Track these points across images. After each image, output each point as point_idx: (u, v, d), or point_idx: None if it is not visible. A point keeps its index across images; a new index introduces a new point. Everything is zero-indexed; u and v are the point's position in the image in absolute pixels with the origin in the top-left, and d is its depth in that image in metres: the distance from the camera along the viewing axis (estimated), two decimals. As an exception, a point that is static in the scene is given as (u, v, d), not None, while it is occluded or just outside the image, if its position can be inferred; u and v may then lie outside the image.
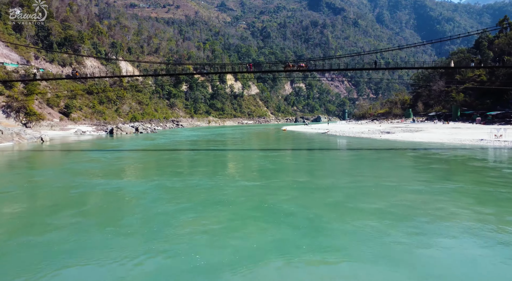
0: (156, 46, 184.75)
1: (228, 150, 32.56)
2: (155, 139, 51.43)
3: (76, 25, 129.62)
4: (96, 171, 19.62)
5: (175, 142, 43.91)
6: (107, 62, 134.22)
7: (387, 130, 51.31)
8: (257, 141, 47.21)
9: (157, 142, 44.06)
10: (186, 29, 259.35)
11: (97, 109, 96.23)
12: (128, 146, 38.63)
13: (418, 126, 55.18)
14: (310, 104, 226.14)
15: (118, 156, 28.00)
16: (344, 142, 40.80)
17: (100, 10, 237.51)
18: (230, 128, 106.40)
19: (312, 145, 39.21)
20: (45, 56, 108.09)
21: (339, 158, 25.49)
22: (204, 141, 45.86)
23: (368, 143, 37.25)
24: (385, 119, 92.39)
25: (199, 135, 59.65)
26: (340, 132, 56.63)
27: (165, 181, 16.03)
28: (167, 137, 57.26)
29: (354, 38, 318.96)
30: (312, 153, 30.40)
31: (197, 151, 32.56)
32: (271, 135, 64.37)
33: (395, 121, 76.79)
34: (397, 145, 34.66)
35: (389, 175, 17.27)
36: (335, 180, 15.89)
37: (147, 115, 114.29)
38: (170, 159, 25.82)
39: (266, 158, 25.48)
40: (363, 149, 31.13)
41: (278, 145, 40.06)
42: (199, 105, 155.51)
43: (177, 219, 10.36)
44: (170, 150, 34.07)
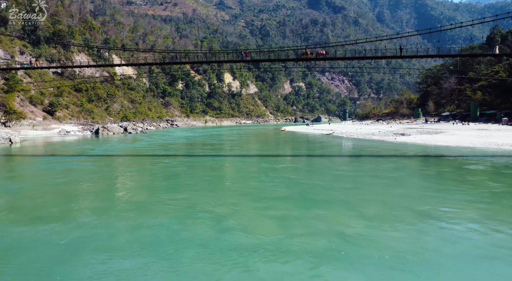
0: (152, 43, 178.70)
1: (217, 159, 26.37)
2: (139, 141, 45.66)
3: (66, 20, 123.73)
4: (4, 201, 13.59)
5: (160, 145, 37.96)
6: (100, 59, 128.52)
7: (401, 132, 45.72)
8: (254, 144, 41.34)
9: (139, 145, 38.14)
10: (184, 27, 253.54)
11: (85, 107, 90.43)
12: (103, 150, 32.75)
13: (435, 127, 49.59)
14: (310, 104, 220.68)
15: (72, 167, 21.95)
16: (356, 146, 35.23)
17: (95, 6, 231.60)
18: (226, 129, 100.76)
19: (318, 150, 33.50)
20: (32, 51, 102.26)
21: (362, 172, 19.72)
22: (192, 144, 39.76)
23: (385, 148, 31.67)
24: (392, 119, 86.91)
25: (190, 137, 53.91)
26: (347, 134, 51.05)
27: (98, 225, 9.96)
28: (155, 138, 51.56)
29: (354, 37, 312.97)
30: (322, 162, 24.60)
31: (179, 158, 26.34)
32: (270, 137, 58.75)
33: (404, 122, 71.28)
34: (421, 150, 29.09)
35: (454, 208, 11.49)
36: (376, 222, 10.07)
37: (140, 114, 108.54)
38: (137, 173, 19.79)
39: (265, 172, 19.77)
40: (386, 157, 25.38)
41: (278, 150, 34.26)
42: (195, 104, 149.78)
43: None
44: (147, 156, 28.22)
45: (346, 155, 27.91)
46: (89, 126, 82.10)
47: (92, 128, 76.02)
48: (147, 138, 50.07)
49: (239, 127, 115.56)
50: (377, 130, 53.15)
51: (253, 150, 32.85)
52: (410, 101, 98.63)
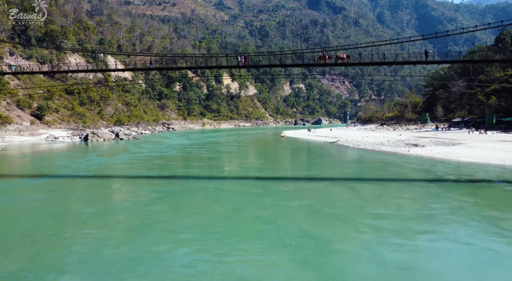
0: (149, 43, 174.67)
1: (208, 184, 22.17)
2: (124, 152, 41.50)
3: (60, 20, 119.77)
4: None
5: (145, 160, 32.68)
6: (94, 60, 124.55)
7: (413, 142, 41.89)
8: (251, 158, 37.17)
9: (121, 160, 32.98)
10: (182, 27, 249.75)
11: (76, 111, 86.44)
12: (74, 168, 28.10)
13: (449, 136, 45.71)
14: (310, 106, 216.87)
15: (11, 201, 18.05)
16: (366, 161, 31.45)
17: (92, 6, 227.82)
18: (224, 133, 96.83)
19: (325, 167, 29.57)
20: (22, 52, 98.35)
21: (388, 210, 15.93)
22: (182, 159, 35.33)
23: (401, 165, 27.93)
24: (397, 124, 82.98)
25: (183, 147, 49.63)
26: (353, 143, 47.20)
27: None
28: (144, 149, 47.48)
29: (355, 38, 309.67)
30: (332, 188, 20.64)
31: (159, 184, 21.74)
32: (269, 146, 54.90)
33: (412, 128, 67.43)
34: (444, 169, 25.24)
35: None
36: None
37: (134, 118, 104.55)
38: (86, 220, 15.68)
39: (263, 205, 15.98)
40: (408, 182, 21.46)
41: (278, 167, 30.21)
42: (193, 107, 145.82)
43: None
44: (122, 179, 23.65)
45: (358, 177, 23.79)
46: (80, 131, 78.20)
47: (82, 134, 72.07)
48: (135, 148, 45.93)
49: (237, 131, 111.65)
50: (385, 138, 49.30)
51: (250, 167, 28.66)
52: (415, 104, 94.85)
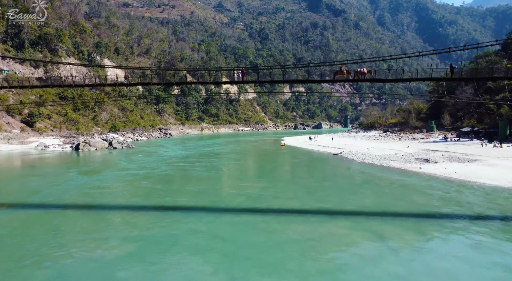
0: (147, 46, 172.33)
1: (192, 218, 19.24)
2: (108, 169, 38.07)
3: (55, 22, 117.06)
4: None
5: (129, 181, 29.41)
6: (90, 64, 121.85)
7: (423, 156, 39.07)
8: (248, 177, 33.72)
9: (101, 182, 29.15)
10: (181, 30, 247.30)
11: (69, 117, 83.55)
12: (45, 194, 24.65)
13: (462, 150, 42.80)
14: (310, 110, 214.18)
15: None
16: (374, 181, 28.61)
17: (91, 8, 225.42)
18: (222, 140, 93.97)
19: (327, 188, 26.63)
20: (15, 55, 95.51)
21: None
22: (172, 178, 31.85)
23: (413, 187, 25.29)
24: (401, 131, 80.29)
25: (176, 159, 46.42)
26: (358, 155, 44.35)
27: None
28: (133, 163, 44.39)
29: (355, 41, 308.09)
30: (347, 231, 17.59)
31: (136, 221, 18.32)
32: (268, 158, 52.02)
33: (418, 136, 64.57)
34: (471, 196, 22.38)
35: None
36: None
37: (130, 124, 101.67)
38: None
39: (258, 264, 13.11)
40: (424, 219, 18.54)
41: (279, 189, 27.13)
42: (191, 111, 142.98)
43: None
44: (90, 214, 19.84)
45: (375, 210, 20.77)
46: (72, 139, 75.31)
47: (74, 142, 69.13)
48: (124, 162, 42.63)
49: (236, 137, 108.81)
50: (392, 150, 46.44)
51: (248, 195, 24.96)
52: (419, 111, 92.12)
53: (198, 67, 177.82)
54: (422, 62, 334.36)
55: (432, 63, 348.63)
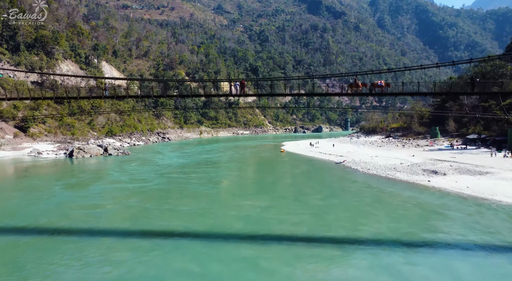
0: (146, 48, 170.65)
1: (183, 247, 17.35)
2: (100, 180, 36.38)
3: (52, 25, 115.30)
4: None
5: (116, 198, 27.49)
6: (87, 66, 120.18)
7: (430, 166, 37.25)
8: (246, 191, 31.33)
9: (82, 200, 26.29)
10: (180, 32, 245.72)
11: (65, 122, 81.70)
12: (18, 220, 22.91)
13: (469, 159, 40.97)
14: (311, 113, 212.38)
15: None
16: (380, 196, 26.90)
17: (89, 10, 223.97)
18: (221, 145, 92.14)
19: (338, 215, 24.46)
20: (10, 58, 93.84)
21: None
22: (164, 193, 29.48)
23: (424, 206, 23.63)
24: (404, 136, 78.51)
25: (172, 169, 44.63)
26: (361, 165, 42.55)
27: None
28: (130, 170, 42.73)
29: (355, 43, 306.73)
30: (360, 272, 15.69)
31: (115, 256, 16.46)
32: (268, 167, 50.13)
33: (422, 143, 62.70)
34: (496, 219, 20.53)
35: None
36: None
37: (128, 128, 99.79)
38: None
39: None
40: (443, 253, 16.60)
41: (279, 208, 25.30)
42: (190, 114, 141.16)
43: None
44: (70, 241, 17.69)
45: (390, 238, 18.88)
46: (67, 144, 73.43)
47: (69, 147, 67.22)
48: (116, 173, 40.48)
49: (235, 142, 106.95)
50: (397, 160, 44.62)
51: (246, 216, 23.15)
52: (422, 115, 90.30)
53: (197, 69, 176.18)
54: (423, 64, 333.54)
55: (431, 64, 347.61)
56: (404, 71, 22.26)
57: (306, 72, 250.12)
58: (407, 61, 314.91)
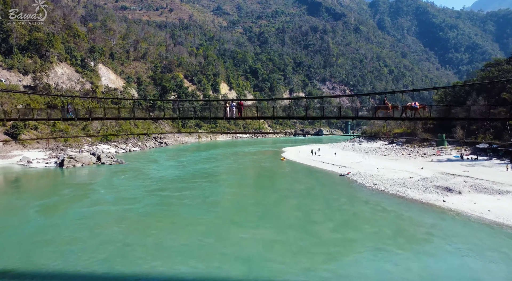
0: (144, 51, 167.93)
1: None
2: (83, 199, 33.03)
3: (48, 26, 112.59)
4: None
5: (98, 222, 24.88)
6: (83, 69, 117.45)
7: (442, 182, 34.69)
8: (244, 213, 28.31)
9: (52, 232, 22.72)
10: (179, 33, 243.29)
11: (57, 128, 79.02)
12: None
13: (483, 173, 38.36)
14: (311, 115, 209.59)
15: None
16: (402, 224, 24.18)
17: (87, 12, 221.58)
18: (219, 151, 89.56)
19: (352, 240, 21.76)
20: (2, 61, 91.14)
21: None
22: (151, 219, 26.02)
23: (453, 238, 20.97)
24: (408, 143, 75.92)
25: (164, 183, 41.74)
26: (368, 178, 39.97)
27: None
28: (118, 184, 40.00)
29: (356, 45, 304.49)
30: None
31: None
32: (269, 179, 47.50)
33: (429, 152, 60.10)
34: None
35: None
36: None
37: (124, 133, 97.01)
38: None
39: None
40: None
41: (285, 235, 22.59)
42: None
43: None
44: None
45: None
46: (59, 152, 70.76)
47: (60, 155, 64.52)
48: (102, 189, 37.27)
49: (234, 147, 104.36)
50: (405, 172, 42.03)
51: (246, 247, 20.72)
52: (426, 121, 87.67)
53: (196, 72, 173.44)
54: (423, 66, 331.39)
55: (432, 67, 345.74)
56: (416, 90, 19.61)
57: (306, 74, 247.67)
58: (407, 63, 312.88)
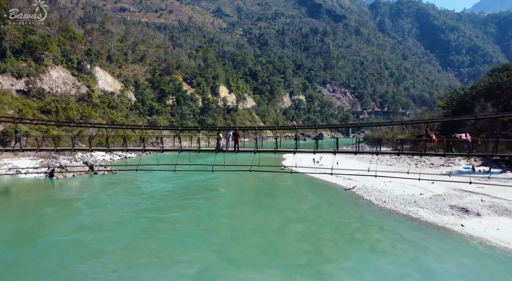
0: (142, 53, 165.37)
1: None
2: (55, 226, 28.40)
3: (43, 29, 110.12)
4: None
5: (68, 254, 21.85)
6: (79, 72, 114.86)
7: (457, 201, 32.11)
8: (243, 246, 24.52)
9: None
10: (178, 35, 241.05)
11: (50, 134, 76.17)
12: None
13: (503, 193, 35.73)
14: (311, 119, 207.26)
15: None
16: (422, 256, 21.49)
17: (85, 13, 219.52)
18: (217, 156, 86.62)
19: (365, 278, 19.03)
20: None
21: None
22: (129, 249, 23.05)
23: (463, 271, 18.10)
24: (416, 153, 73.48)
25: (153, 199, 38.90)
26: (375, 194, 37.42)
27: None
28: (103, 203, 37.19)
29: (356, 47, 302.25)
30: None
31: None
32: (268, 192, 44.81)
33: (436, 162, 57.64)
34: None
35: None
36: None
37: (120, 139, 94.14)
38: None
39: None
40: None
41: (287, 269, 19.89)
42: (186, 122, 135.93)
43: None
44: None
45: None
46: (51, 160, 68.09)
47: (52, 164, 61.87)
48: (87, 205, 34.41)
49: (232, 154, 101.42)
50: (415, 187, 39.40)
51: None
52: (430, 127, 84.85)
53: (195, 74, 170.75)
54: (424, 69, 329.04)
55: (433, 70, 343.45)
56: (423, 122, 16.82)
57: (306, 76, 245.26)
58: (408, 65, 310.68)
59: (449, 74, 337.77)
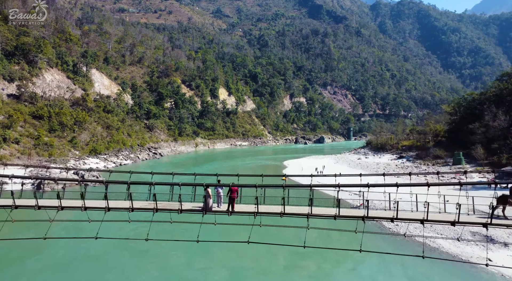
0: (141, 54, 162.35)
1: None
2: (33, 256, 27.30)
3: (38, 30, 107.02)
4: None
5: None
6: (75, 75, 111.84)
7: (482, 229, 28.82)
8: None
9: None
10: (177, 36, 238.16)
11: (42, 140, 73.26)
12: None
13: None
14: (312, 121, 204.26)
15: None
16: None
17: (83, 14, 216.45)
18: (215, 165, 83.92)
19: None
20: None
21: None
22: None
23: None
24: (420, 159, 70.40)
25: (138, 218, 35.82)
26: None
27: None
28: (83, 227, 33.76)
29: (357, 48, 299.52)
30: None
31: None
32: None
33: (447, 174, 54.60)
34: None
35: None
36: None
37: (115, 144, 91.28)
38: None
39: None
40: None
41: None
42: (185, 126, 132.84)
43: None
44: None
45: None
46: (40, 169, 64.93)
47: (40, 173, 58.74)
48: (64, 230, 29.90)
49: (231, 159, 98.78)
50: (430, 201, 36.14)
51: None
52: (436, 133, 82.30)
53: (193, 77, 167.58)
54: (426, 70, 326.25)
55: (435, 71, 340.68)
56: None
57: (307, 78, 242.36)
58: (409, 67, 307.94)
59: (450, 76, 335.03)
